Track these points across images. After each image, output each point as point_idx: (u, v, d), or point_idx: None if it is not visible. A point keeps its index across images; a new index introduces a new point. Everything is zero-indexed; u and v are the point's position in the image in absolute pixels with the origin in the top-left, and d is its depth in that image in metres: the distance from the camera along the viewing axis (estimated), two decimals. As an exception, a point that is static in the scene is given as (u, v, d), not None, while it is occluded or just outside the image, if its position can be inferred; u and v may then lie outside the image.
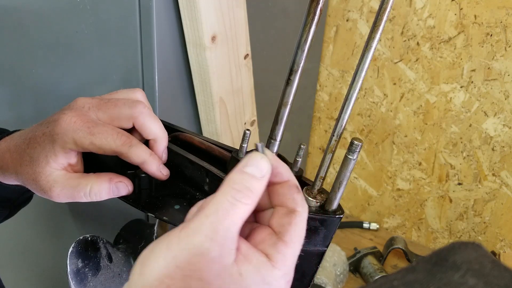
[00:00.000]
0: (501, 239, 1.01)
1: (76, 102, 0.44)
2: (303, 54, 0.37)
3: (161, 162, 0.45)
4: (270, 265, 0.30)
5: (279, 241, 0.31)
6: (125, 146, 0.42)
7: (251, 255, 0.30)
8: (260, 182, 0.31)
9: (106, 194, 0.44)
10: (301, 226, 0.32)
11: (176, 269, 0.29)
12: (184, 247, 0.29)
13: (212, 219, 0.29)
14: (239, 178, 0.31)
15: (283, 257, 0.31)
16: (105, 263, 0.52)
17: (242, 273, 0.30)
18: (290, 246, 0.31)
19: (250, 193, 0.30)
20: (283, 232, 0.32)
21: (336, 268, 0.91)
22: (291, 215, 0.32)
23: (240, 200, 0.30)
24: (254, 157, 0.32)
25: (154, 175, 0.44)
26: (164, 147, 0.45)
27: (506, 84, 0.90)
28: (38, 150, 0.42)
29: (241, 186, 0.30)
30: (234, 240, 0.30)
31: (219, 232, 0.29)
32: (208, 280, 0.29)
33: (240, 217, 0.30)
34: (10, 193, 0.51)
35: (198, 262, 0.29)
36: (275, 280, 0.30)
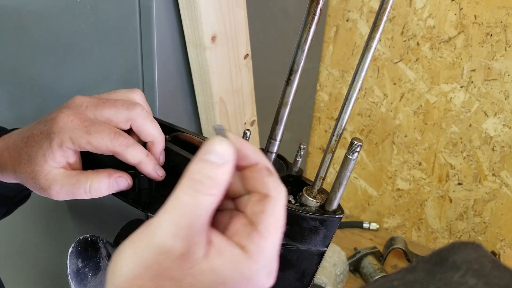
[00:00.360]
0: (501, 239, 1.01)
1: (73, 101, 0.44)
2: (303, 54, 0.37)
3: (157, 163, 0.45)
4: (245, 257, 0.28)
5: (254, 232, 0.29)
6: (122, 146, 0.42)
7: (224, 248, 0.28)
8: (223, 169, 0.28)
9: (106, 189, 0.44)
10: (277, 213, 0.29)
11: (145, 270, 0.27)
12: (148, 246, 0.28)
13: (172, 215, 0.28)
14: (198, 167, 0.28)
15: (258, 248, 0.29)
16: (105, 263, 0.52)
17: (215, 268, 0.28)
18: (265, 236, 0.29)
19: (212, 182, 0.28)
20: (257, 221, 0.29)
21: (336, 268, 0.90)
22: (264, 202, 0.30)
23: (201, 192, 0.28)
24: (213, 141, 0.29)
25: (150, 176, 0.44)
26: (161, 149, 0.45)
27: (506, 84, 0.90)
28: (36, 148, 0.42)
29: (201, 176, 0.28)
30: (201, 234, 0.28)
31: (181, 228, 0.27)
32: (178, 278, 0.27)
33: (204, 210, 0.28)
34: (8, 191, 0.51)
35: (164, 261, 0.27)
36: (253, 273, 0.28)
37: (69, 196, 0.43)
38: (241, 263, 0.28)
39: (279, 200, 0.30)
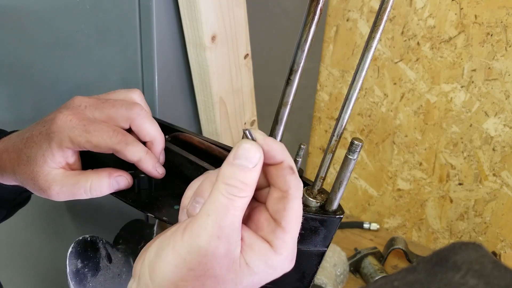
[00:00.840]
0: (502, 240, 1.01)
1: (73, 101, 0.44)
2: (303, 54, 0.37)
3: (157, 160, 0.44)
4: (273, 251, 0.32)
5: (278, 228, 0.32)
6: (121, 143, 0.42)
7: (254, 244, 0.32)
8: (253, 173, 0.31)
9: (107, 189, 0.44)
10: (296, 209, 0.32)
11: (188, 272, 0.30)
12: (192, 249, 0.30)
13: (214, 217, 0.30)
14: (231, 172, 0.30)
15: (283, 242, 0.32)
16: (105, 263, 0.52)
17: (249, 263, 0.31)
18: (288, 231, 0.32)
19: (244, 186, 0.30)
20: (280, 218, 0.32)
21: (336, 269, 0.90)
22: (285, 200, 0.32)
23: (236, 195, 0.30)
24: (243, 147, 0.30)
25: (150, 174, 0.44)
26: (161, 149, 0.45)
27: (507, 84, 0.90)
28: (35, 149, 0.42)
29: (235, 181, 0.30)
30: (238, 232, 0.31)
31: (224, 229, 0.30)
32: (221, 275, 0.30)
33: (240, 210, 0.30)
34: (8, 193, 0.51)
35: (209, 262, 0.30)
36: (278, 263, 0.32)
37: (69, 196, 0.43)
38: (269, 256, 0.31)
39: (298, 197, 0.32)
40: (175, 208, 0.45)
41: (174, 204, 0.45)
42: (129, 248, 0.57)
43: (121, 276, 0.53)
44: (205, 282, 0.30)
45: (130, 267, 0.55)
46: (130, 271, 0.54)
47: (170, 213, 0.44)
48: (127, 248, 0.57)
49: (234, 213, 0.30)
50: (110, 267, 0.52)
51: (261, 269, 0.31)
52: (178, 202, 0.45)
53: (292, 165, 0.33)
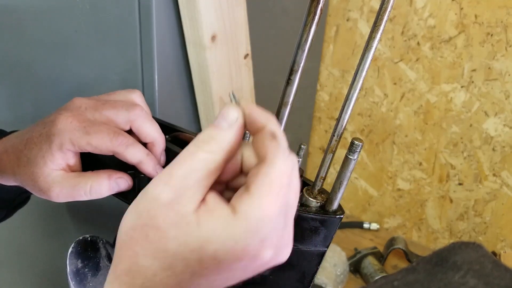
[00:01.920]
0: (502, 240, 1.01)
1: (72, 102, 0.44)
2: (303, 54, 0.37)
3: (157, 162, 0.44)
4: (233, 216, 0.28)
5: (244, 192, 0.28)
6: (122, 145, 0.42)
7: (214, 207, 0.28)
8: (228, 131, 0.29)
9: (107, 190, 0.44)
10: (271, 175, 0.28)
11: (137, 220, 0.29)
12: (141, 195, 0.29)
13: (169, 167, 0.29)
14: (205, 131, 0.29)
15: (246, 207, 0.27)
16: (105, 263, 0.52)
17: (201, 223, 0.27)
18: (255, 196, 0.28)
19: (212, 140, 0.29)
20: (250, 183, 0.28)
21: (336, 269, 0.90)
22: (260, 164, 0.29)
23: (201, 148, 0.28)
24: (225, 107, 0.30)
25: (150, 176, 0.44)
26: (161, 150, 0.45)
27: (507, 84, 0.90)
28: (35, 151, 0.42)
29: (204, 136, 0.29)
30: (194, 189, 0.28)
31: (173, 177, 0.28)
32: (163, 228, 0.28)
33: (200, 165, 0.28)
34: (8, 194, 0.51)
35: (153, 209, 0.28)
36: (241, 236, 0.27)
37: (69, 198, 0.43)
38: (228, 222, 0.27)
39: (276, 163, 0.28)
40: (175, 208, 0.45)
41: (174, 204, 0.45)
42: (129, 248, 0.57)
43: (121, 276, 0.53)
44: (148, 232, 0.28)
45: (130, 267, 0.55)
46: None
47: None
48: (127, 248, 0.57)
49: (191, 165, 0.28)
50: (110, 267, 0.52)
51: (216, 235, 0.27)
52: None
53: (275, 132, 0.29)
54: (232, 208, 0.28)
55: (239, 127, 0.30)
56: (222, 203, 0.29)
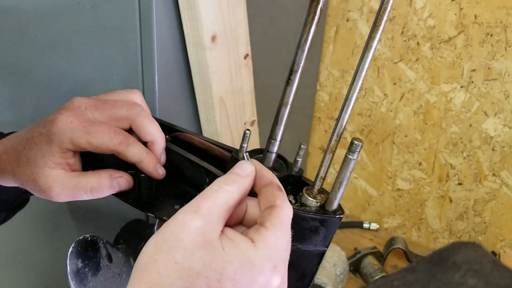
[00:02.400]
0: (501, 239, 1.01)
1: (72, 102, 0.44)
2: (303, 54, 0.37)
3: (158, 161, 0.45)
4: (253, 245, 0.32)
5: (261, 227, 0.34)
6: (122, 145, 0.42)
7: (235, 237, 0.33)
8: (244, 178, 0.35)
9: (108, 190, 0.44)
10: (282, 217, 0.34)
11: (163, 243, 0.31)
12: (170, 223, 0.32)
13: (196, 199, 0.33)
14: (226, 175, 0.36)
15: (264, 239, 0.33)
16: (105, 263, 0.52)
17: (225, 248, 0.31)
18: (271, 230, 0.33)
19: (233, 182, 0.35)
20: (264, 220, 0.34)
21: (336, 268, 0.90)
22: (271, 208, 0.35)
23: (223, 186, 0.34)
24: (239, 163, 0.37)
25: (150, 174, 0.44)
26: (162, 149, 0.45)
27: (506, 84, 0.90)
28: (35, 150, 0.42)
29: (227, 178, 0.35)
30: (218, 220, 0.33)
31: (202, 207, 0.32)
32: (190, 249, 0.31)
33: (222, 200, 0.33)
34: (8, 195, 0.51)
35: (181, 233, 0.31)
36: (257, 259, 0.32)
37: (69, 197, 0.43)
38: (248, 249, 0.32)
39: (285, 208, 0.35)
40: (175, 208, 0.45)
41: (174, 204, 0.45)
42: (129, 248, 0.57)
43: (121, 275, 0.53)
44: (174, 254, 0.31)
45: (130, 267, 0.55)
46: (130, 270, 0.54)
47: (171, 213, 0.44)
48: (127, 248, 0.57)
49: (215, 199, 0.33)
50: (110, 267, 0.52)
51: (237, 260, 0.31)
52: (178, 202, 0.45)
53: (280, 186, 0.37)
54: (250, 239, 0.33)
55: (253, 177, 0.36)
56: (240, 234, 0.33)
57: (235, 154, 0.42)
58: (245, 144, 0.42)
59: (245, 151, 0.39)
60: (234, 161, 0.42)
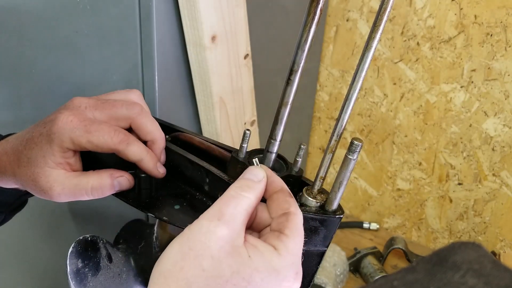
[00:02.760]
0: (501, 239, 1.01)
1: (72, 102, 0.44)
2: (303, 54, 0.37)
3: (158, 160, 0.45)
4: (276, 253, 0.33)
5: (281, 235, 0.34)
6: (123, 143, 0.42)
7: (258, 244, 0.33)
8: (258, 184, 0.36)
9: (109, 190, 0.44)
10: (298, 223, 0.35)
11: (189, 251, 0.31)
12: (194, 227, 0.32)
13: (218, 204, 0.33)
14: (239, 181, 0.36)
15: (286, 246, 0.33)
16: (105, 263, 0.52)
17: (251, 256, 0.32)
18: (291, 238, 0.34)
19: (249, 188, 0.35)
20: (283, 227, 0.35)
21: (336, 268, 0.90)
22: (288, 214, 0.35)
23: (241, 193, 0.34)
24: (251, 168, 0.37)
25: (151, 173, 0.44)
26: (161, 148, 0.45)
27: (506, 84, 0.90)
28: (36, 150, 0.42)
29: (242, 184, 0.35)
30: (240, 226, 0.33)
31: (224, 215, 0.32)
32: (218, 257, 0.31)
33: (242, 207, 0.34)
34: (6, 197, 0.51)
35: (208, 240, 0.31)
36: (282, 267, 0.33)
37: (70, 197, 0.43)
38: (272, 256, 0.33)
39: (299, 216, 0.36)
40: (175, 208, 0.45)
41: (174, 204, 0.45)
42: (129, 248, 0.57)
43: (121, 275, 0.53)
44: (202, 262, 0.31)
45: (130, 267, 0.55)
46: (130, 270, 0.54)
47: (171, 213, 0.44)
48: (127, 248, 0.57)
49: (236, 205, 0.33)
50: (110, 267, 0.52)
51: (263, 268, 0.32)
52: (178, 202, 0.45)
53: (290, 192, 0.38)
54: (272, 245, 0.33)
55: (265, 183, 0.37)
56: (261, 241, 0.34)
57: (235, 154, 0.43)
58: (245, 144, 0.42)
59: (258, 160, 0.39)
60: (234, 161, 0.42)
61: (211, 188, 0.44)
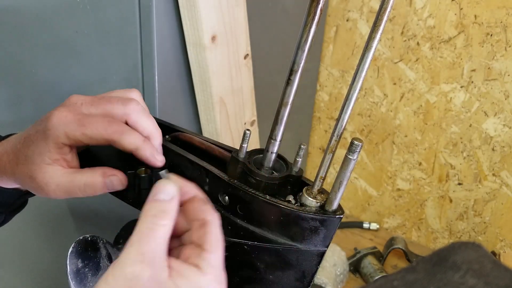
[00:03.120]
0: (501, 239, 1.01)
1: (69, 99, 0.44)
2: (303, 54, 0.37)
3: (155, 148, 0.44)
4: (200, 273, 0.34)
5: (202, 251, 0.35)
6: (117, 133, 0.41)
7: (182, 269, 0.34)
8: (171, 203, 0.35)
9: (101, 188, 0.43)
10: (216, 232, 0.36)
11: None
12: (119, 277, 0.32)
13: (136, 246, 0.33)
14: (152, 206, 0.35)
15: (208, 263, 0.34)
16: (105, 263, 0.52)
17: (178, 285, 0.33)
18: (211, 252, 0.35)
19: (164, 213, 0.34)
20: (203, 242, 0.35)
21: (336, 268, 0.90)
22: (205, 226, 0.36)
23: (157, 223, 0.34)
24: (160, 184, 0.36)
25: (149, 162, 0.43)
26: (158, 144, 0.45)
27: (506, 84, 0.90)
28: (33, 148, 0.42)
29: (156, 211, 0.34)
30: (163, 259, 0.33)
31: (145, 255, 0.32)
32: None
33: (161, 237, 0.34)
34: (6, 197, 0.51)
35: (134, 286, 0.31)
36: (207, 284, 0.34)
37: (65, 194, 0.43)
38: (198, 277, 0.34)
39: (215, 222, 0.36)
40: (175, 208, 0.45)
41: (174, 204, 0.45)
42: (129, 248, 0.57)
43: (121, 275, 0.53)
44: None
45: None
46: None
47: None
48: (127, 248, 0.57)
49: (155, 240, 0.33)
50: (110, 267, 0.52)
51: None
52: (178, 202, 0.45)
53: (204, 198, 0.38)
54: (195, 266, 0.34)
55: (178, 197, 0.36)
56: (184, 264, 0.34)
57: (235, 154, 0.43)
58: (245, 144, 0.42)
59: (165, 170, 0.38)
60: (234, 161, 0.42)
61: (211, 188, 0.44)
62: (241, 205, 0.41)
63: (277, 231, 0.41)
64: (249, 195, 0.40)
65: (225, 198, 0.43)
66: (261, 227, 0.41)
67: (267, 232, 0.41)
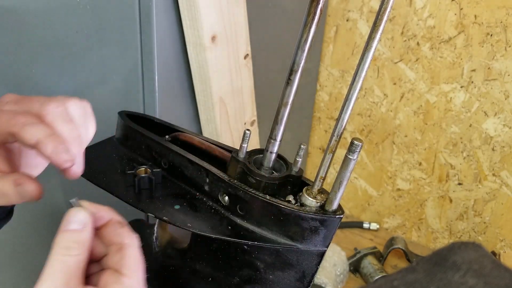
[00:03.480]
0: (501, 239, 1.01)
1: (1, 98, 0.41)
2: (303, 54, 0.37)
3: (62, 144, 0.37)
4: None
5: (121, 276, 0.34)
6: (18, 125, 0.36)
7: None
8: (83, 232, 0.34)
9: (15, 198, 0.38)
10: (134, 255, 0.35)
11: None
12: None
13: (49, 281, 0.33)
14: (63, 237, 0.33)
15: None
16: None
17: None
18: (130, 276, 0.34)
19: (76, 244, 0.33)
20: (120, 267, 0.34)
21: (336, 268, 0.90)
22: (122, 250, 0.35)
23: (69, 255, 0.33)
24: (71, 213, 0.34)
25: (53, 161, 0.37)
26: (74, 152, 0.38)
27: (506, 84, 0.90)
28: None
29: (67, 242, 0.33)
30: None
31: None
32: None
33: (75, 268, 0.33)
34: None
35: None
36: None
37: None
38: None
39: (133, 244, 0.35)
40: (175, 208, 0.45)
41: (174, 204, 0.45)
42: (129, 248, 0.57)
43: (121, 275, 0.53)
44: None
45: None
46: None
47: (171, 213, 0.44)
48: (127, 248, 0.57)
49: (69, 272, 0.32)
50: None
51: None
52: (178, 202, 0.45)
53: (121, 220, 0.37)
54: None
55: (91, 225, 0.34)
56: None
57: (235, 154, 0.43)
58: (245, 144, 0.42)
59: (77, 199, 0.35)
60: (234, 161, 0.42)
61: (211, 188, 0.44)
62: (241, 205, 0.41)
63: (277, 231, 0.41)
64: (249, 195, 0.40)
65: (225, 198, 0.43)
66: (261, 227, 0.41)
67: (267, 232, 0.41)
